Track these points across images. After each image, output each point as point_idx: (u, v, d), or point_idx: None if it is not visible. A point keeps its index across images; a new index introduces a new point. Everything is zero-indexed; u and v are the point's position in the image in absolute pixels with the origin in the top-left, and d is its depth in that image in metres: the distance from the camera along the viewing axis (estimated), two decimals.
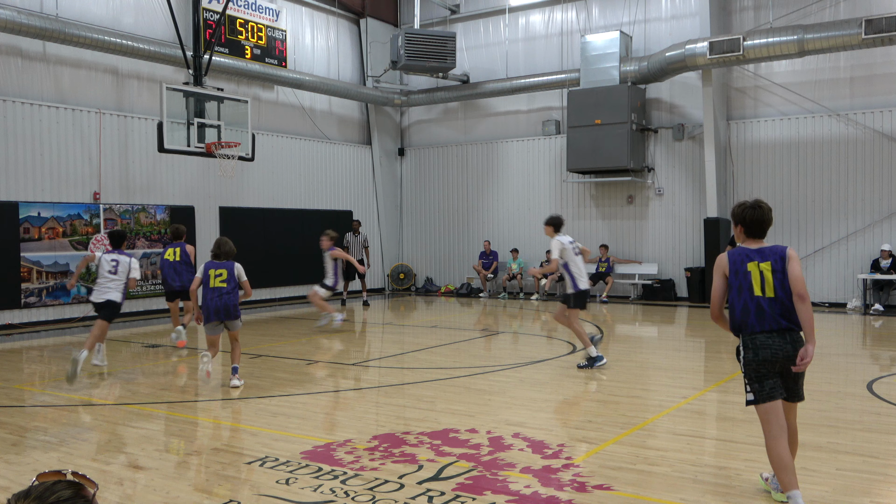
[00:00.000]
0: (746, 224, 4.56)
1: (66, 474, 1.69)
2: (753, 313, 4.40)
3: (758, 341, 4.38)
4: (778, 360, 4.34)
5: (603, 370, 9.06)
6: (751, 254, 4.48)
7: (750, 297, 4.42)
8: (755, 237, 4.57)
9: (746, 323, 4.42)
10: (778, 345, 4.34)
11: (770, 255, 4.44)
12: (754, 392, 4.42)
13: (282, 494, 4.80)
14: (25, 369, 9.87)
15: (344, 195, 20.17)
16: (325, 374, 9.29)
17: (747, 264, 4.45)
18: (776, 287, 4.38)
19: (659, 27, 17.83)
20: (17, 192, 13.40)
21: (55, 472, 1.70)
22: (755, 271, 4.43)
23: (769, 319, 4.37)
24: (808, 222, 16.27)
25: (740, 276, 4.46)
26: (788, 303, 4.36)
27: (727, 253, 4.59)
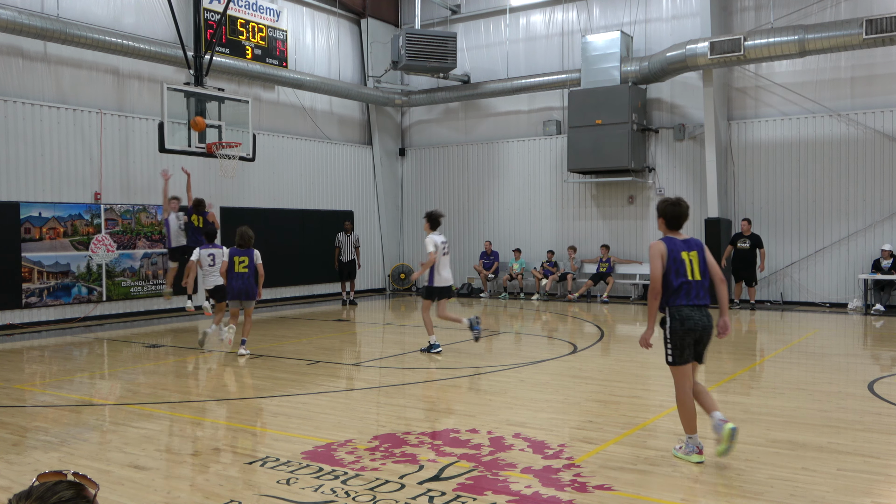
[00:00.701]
0: (668, 218, 5.59)
1: (67, 475, 1.69)
2: (683, 292, 5.41)
3: (683, 313, 5.40)
4: (697, 329, 5.40)
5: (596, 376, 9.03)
6: (681, 244, 5.48)
7: (684, 279, 5.41)
8: (674, 229, 5.60)
9: (677, 299, 5.41)
10: (697, 317, 5.41)
11: (695, 245, 5.53)
12: (675, 356, 5.46)
13: (282, 494, 4.80)
14: (26, 369, 9.88)
15: (345, 195, 20.18)
16: (326, 374, 9.29)
17: (681, 252, 5.44)
18: (701, 272, 5.46)
19: (660, 27, 17.82)
20: (18, 192, 13.41)
21: (56, 473, 1.70)
22: (686, 259, 5.44)
23: (693, 297, 5.41)
24: (809, 222, 16.27)
25: (677, 263, 5.41)
26: (707, 284, 5.49)
27: (662, 240, 5.50)
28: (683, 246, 5.47)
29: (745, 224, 15.90)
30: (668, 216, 5.58)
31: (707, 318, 5.44)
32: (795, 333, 12.53)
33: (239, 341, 10.50)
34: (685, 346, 5.40)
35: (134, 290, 15.02)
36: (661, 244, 5.46)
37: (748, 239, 15.78)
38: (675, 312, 5.41)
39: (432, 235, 10.16)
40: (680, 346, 5.40)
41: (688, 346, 5.42)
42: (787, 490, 4.80)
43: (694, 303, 5.40)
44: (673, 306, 5.42)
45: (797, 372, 9.21)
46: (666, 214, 5.59)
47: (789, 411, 6.97)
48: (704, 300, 5.44)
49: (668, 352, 5.48)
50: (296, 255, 18.03)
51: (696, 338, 5.43)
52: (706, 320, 5.43)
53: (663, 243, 5.47)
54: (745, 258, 15.78)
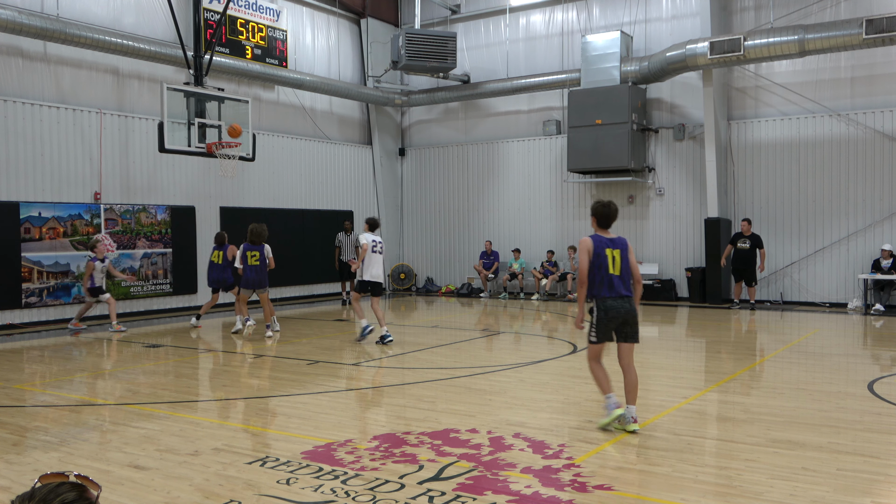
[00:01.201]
0: (598, 217, 6.44)
1: (70, 476, 1.69)
2: (607, 285, 6.23)
3: (608, 304, 6.25)
4: (619, 317, 6.26)
5: None
6: (607, 242, 6.30)
7: (606, 273, 6.22)
8: (604, 227, 6.44)
9: (602, 291, 6.24)
10: (619, 305, 6.25)
11: (619, 244, 6.34)
12: (597, 336, 6.35)
13: (282, 494, 4.80)
14: (26, 369, 9.87)
15: (344, 195, 20.18)
16: (326, 374, 9.29)
17: (606, 249, 6.26)
18: (622, 268, 6.26)
19: (659, 27, 17.82)
20: (18, 192, 13.41)
21: (58, 474, 1.70)
22: (610, 255, 6.25)
23: (616, 289, 6.24)
24: (809, 222, 16.26)
25: (601, 258, 6.23)
26: (627, 279, 6.29)
27: (591, 237, 6.32)
28: (609, 244, 6.31)
29: (744, 224, 15.89)
30: (598, 216, 6.44)
31: (629, 305, 6.31)
32: (795, 333, 12.53)
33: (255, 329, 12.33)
34: (608, 331, 6.33)
35: (134, 289, 15.02)
36: (588, 241, 6.32)
37: (748, 239, 15.78)
38: (601, 304, 6.28)
39: (367, 234, 11.38)
40: (603, 330, 6.32)
41: (609, 331, 6.34)
42: (787, 490, 4.81)
43: (615, 294, 6.25)
44: (599, 298, 6.27)
45: (797, 372, 9.21)
46: (597, 214, 6.44)
47: (789, 411, 6.97)
48: (625, 292, 6.28)
49: (591, 333, 6.38)
50: (296, 255, 18.03)
51: (619, 322, 6.29)
52: (627, 306, 6.29)
53: (591, 240, 6.32)
54: (744, 258, 15.78)
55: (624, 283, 6.27)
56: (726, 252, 16.06)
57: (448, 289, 20.49)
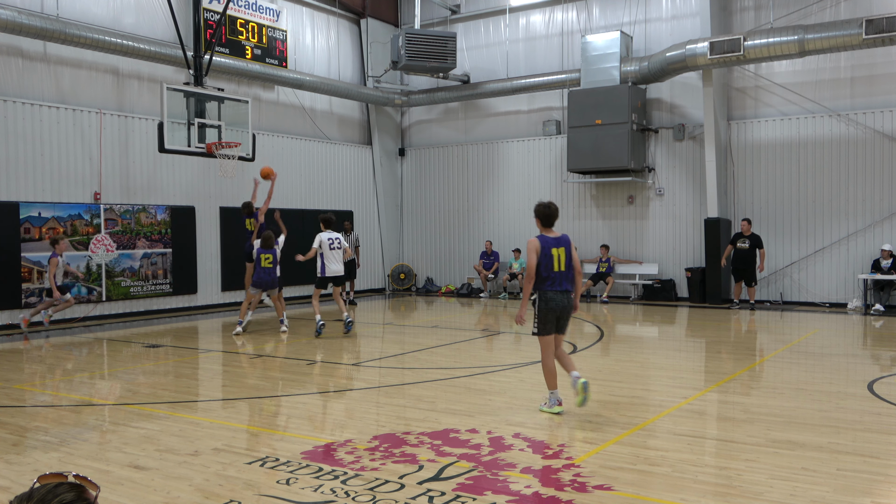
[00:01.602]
0: (542, 218, 6.92)
1: (68, 476, 1.69)
2: (550, 280, 6.76)
3: (549, 296, 6.77)
4: (559, 309, 6.79)
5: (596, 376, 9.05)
6: (553, 242, 6.82)
7: (552, 270, 6.76)
8: (547, 227, 6.93)
9: (545, 285, 6.76)
10: (559, 299, 6.79)
11: (563, 242, 6.88)
12: (540, 329, 6.83)
13: (282, 494, 4.80)
14: (26, 369, 9.87)
15: (344, 195, 20.18)
16: (326, 374, 9.29)
17: (552, 249, 6.77)
18: (566, 265, 6.82)
19: (659, 27, 17.82)
20: (18, 192, 13.41)
21: (57, 475, 1.69)
22: (555, 254, 6.78)
23: (558, 284, 6.77)
24: (809, 222, 16.26)
25: (548, 257, 6.74)
26: (570, 275, 6.84)
27: (538, 238, 6.80)
28: (554, 242, 6.82)
29: (744, 224, 15.89)
30: (541, 217, 6.93)
31: (568, 300, 6.85)
32: (795, 333, 12.53)
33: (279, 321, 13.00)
34: (549, 322, 6.80)
35: (134, 289, 15.02)
36: (536, 241, 6.78)
37: (748, 239, 15.78)
38: (543, 296, 6.80)
39: (321, 234, 12.12)
40: (544, 321, 6.79)
41: (551, 322, 6.81)
42: (787, 490, 4.81)
43: (557, 289, 6.77)
44: (541, 290, 6.78)
45: (797, 372, 9.21)
46: (540, 215, 6.94)
47: (789, 411, 6.97)
48: (567, 287, 6.83)
49: (535, 325, 6.86)
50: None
51: (558, 315, 6.85)
52: (566, 302, 6.83)
53: (538, 240, 6.79)
54: (744, 258, 15.78)
55: (567, 278, 6.86)
56: (726, 252, 16.06)
57: (448, 289, 20.49)
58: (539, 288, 6.80)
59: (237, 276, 16.31)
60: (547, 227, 6.94)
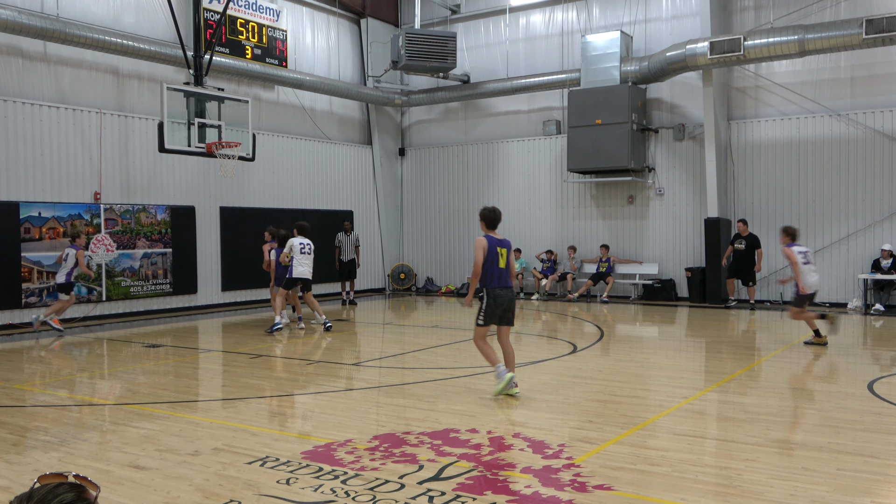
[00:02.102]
0: (487, 221, 7.66)
1: (68, 476, 1.68)
2: (497, 277, 7.50)
3: (496, 293, 7.53)
4: (504, 303, 7.57)
5: (596, 376, 9.03)
6: (498, 242, 7.56)
7: (497, 268, 7.51)
8: (492, 229, 7.68)
9: (493, 281, 7.50)
10: (505, 294, 7.58)
11: (505, 244, 7.67)
12: (485, 321, 7.62)
13: (282, 494, 4.80)
14: (26, 369, 9.87)
15: (344, 195, 20.18)
16: (326, 374, 9.29)
17: (497, 248, 7.52)
18: (507, 264, 7.58)
19: (659, 27, 17.82)
20: (18, 192, 13.41)
21: (57, 475, 1.69)
22: (500, 253, 7.51)
23: (503, 281, 7.55)
24: (809, 222, 16.26)
25: (493, 255, 7.47)
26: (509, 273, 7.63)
27: (485, 237, 7.53)
28: (498, 243, 7.58)
29: (740, 225, 15.95)
30: (487, 220, 7.68)
31: (511, 294, 7.67)
32: (795, 333, 12.52)
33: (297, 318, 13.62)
34: (494, 315, 7.62)
35: (134, 289, 15.02)
36: (484, 240, 7.52)
37: (744, 239, 15.83)
38: (491, 292, 7.55)
39: (294, 238, 12.68)
40: (490, 315, 7.61)
41: (496, 316, 7.62)
42: (787, 490, 4.81)
43: (502, 285, 7.55)
44: (489, 287, 7.51)
45: (797, 372, 9.21)
46: (486, 219, 7.68)
47: (789, 411, 6.97)
48: (510, 283, 7.62)
49: (480, 317, 7.64)
50: None
51: (504, 308, 7.60)
52: (511, 296, 7.65)
53: (486, 240, 7.52)
54: (742, 258, 15.82)
55: (509, 276, 7.64)
56: (727, 253, 16.09)
57: (448, 289, 20.49)
58: (487, 285, 7.53)
59: (237, 276, 16.33)
60: (491, 229, 7.71)
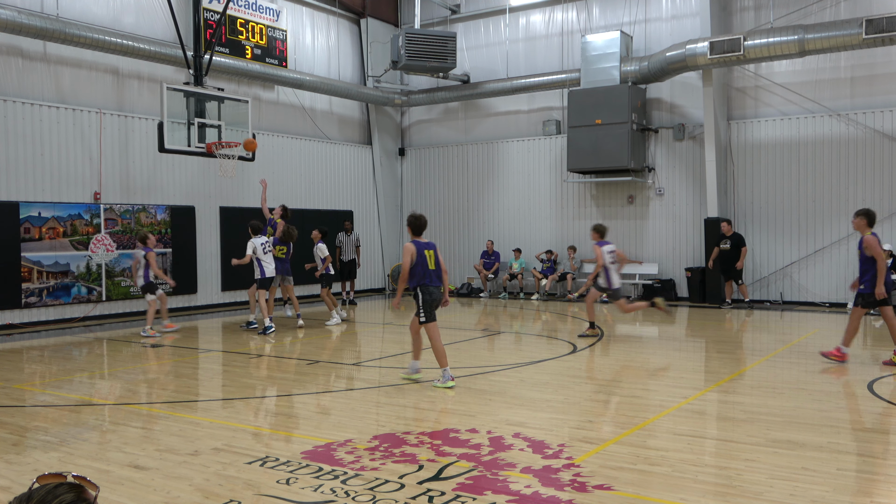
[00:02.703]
0: (413, 227, 8.44)
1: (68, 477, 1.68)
2: (427, 277, 8.26)
3: (429, 290, 8.28)
4: (436, 299, 8.31)
5: (596, 376, 9.02)
6: (424, 245, 8.32)
7: (427, 268, 8.28)
8: (418, 234, 8.42)
9: (424, 280, 8.24)
10: (435, 291, 8.31)
11: (432, 246, 8.42)
12: (427, 317, 8.28)
13: (282, 494, 4.80)
14: (26, 369, 9.87)
15: (344, 195, 20.18)
16: (326, 374, 9.29)
17: (424, 251, 8.28)
18: (435, 264, 8.35)
19: (659, 27, 17.82)
20: (18, 192, 13.41)
21: (56, 475, 1.69)
22: (428, 255, 8.29)
23: (432, 279, 8.30)
24: (808, 222, 16.26)
25: (422, 258, 8.23)
26: (439, 272, 8.38)
27: (412, 242, 8.28)
28: (425, 246, 8.34)
29: (724, 225, 16.10)
30: (413, 226, 8.43)
31: (438, 293, 8.38)
32: (795, 333, 12.53)
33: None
34: (431, 310, 8.28)
35: (133, 289, 15.01)
36: (412, 246, 8.25)
37: (729, 239, 15.97)
38: (424, 290, 8.23)
39: (254, 239, 12.83)
40: (429, 310, 8.26)
41: (433, 310, 8.30)
42: (787, 490, 4.80)
43: (432, 284, 8.29)
44: (423, 286, 8.22)
45: (797, 372, 9.21)
46: (412, 225, 8.43)
47: (789, 411, 6.97)
48: (437, 282, 8.35)
49: (421, 315, 8.27)
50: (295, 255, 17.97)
51: (436, 304, 8.36)
52: (438, 294, 8.37)
53: (413, 245, 8.25)
54: (727, 258, 15.94)
55: (437, 275, 8.38)
56: (713, 254, 16.19)
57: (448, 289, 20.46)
58: (419, 284, 8.23)
59: (237, 276, 16.31)
60: (417, 234, 8.43)
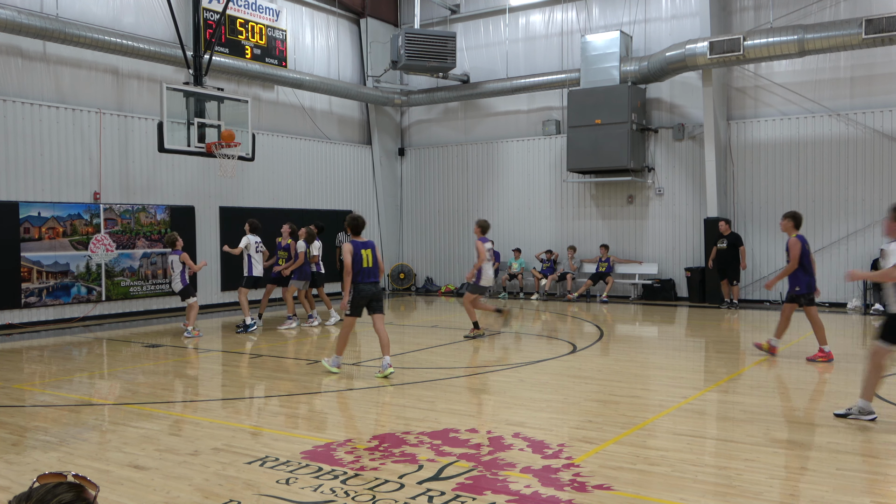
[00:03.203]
0: (352, 228, 9.04)
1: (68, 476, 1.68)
2: (363, 275, 8.83)
3: (361, 287, 8.85)
4: (368, 296, 8.89)
5: (596, 376, 9.04)
6: (362, 245, 8.89)
7: (364, 266, 8.83)
8: (357, 234, 8.99)
9: (358, 278, 8.82)
10: (369, 288, 8.90)
11: (369, 245, 8.99)
12: (352, 311, 8.94)
13: (282, 494, 4.80)
14: (25, 369, 9.87)
15: (344, 195, 20.18)
16: (326, 374, 9.29)
17: (361, 250, 8.83)
18: (373, 262, 8.92)
19: (659, 27, 17.82)
20: (18, 191, 13.40)
21: (56, 474, 1.69)
22: (364, 254, 8.84)
23: (370, 277, 8.90)
24: (809, 222, 16.20)
25: (359, 256, 8.80)
26: (376, 270, 8.96)
27: (351, 242, 8.84)
28: (362, 245, 8.92)
29: (722, 224, 16.13)
30: (352, 227, 9.05)
31: (376, 288, 9.01)
32: (795, 333, 12.53)
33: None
34: (360, 306, 8.94)
35: (133, 289, 15.02)
36: (350, 245, 8.82)
37: (726, 239, 15.99)
38: (356, 287, 8.89)
39: (250, 236, 12.97)
40: (356, 306, 8.93)
41: (362, 306, 8.93)
42: (787, 490, 4.81)
43: (367, 280, 8.88)
44: (356, 283, 8.86)
45: (797, 372, 9.21)
46: (351, 226, 9.06)
47: (789, 411, 6.97)
48: (375, 279, 8.96)
49: (348, 308, 8.94)
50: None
51: (370, 299, 8.92)
52: (376, 289, 9.00)
53: (351, 244, 8.82)
54: (724, 258, 15.95)
55: (374, 273, 8.94)
56: (711, 254, 16.21)
57: (448, 289, 20.49)
58: (356, 281, 8.84)
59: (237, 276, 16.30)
60: (356, 234, 9.02)
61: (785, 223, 9.97)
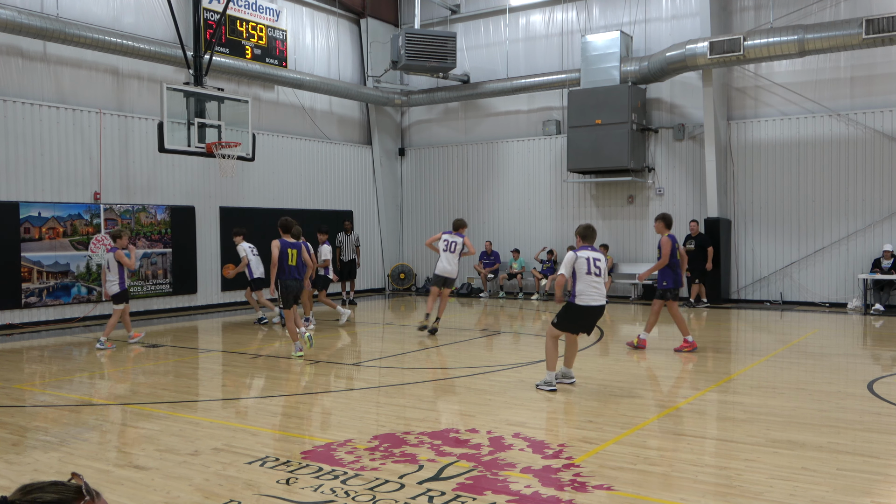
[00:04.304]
0: (283, 228, 10.36)
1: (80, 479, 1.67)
2: (286, 271, 10.04)
3: (286, 283, 10.08)
4: (293, 290, 10.17)
5: (596, 376, 9.02)
6: (289, 245, 10.14)
7: (287, 264, 10.06)
8: (286, 234, 10.24)
9: (282, 275, 10.03)
10: (293, 284, 10.14)
11: (296, 246, 10.24)
12: (284, 304, 10.16)
13: (282, 494, 4.80)
14: (26, 369, 9.87)
15: (344, 195, 20.18)
16: (326, 374, 9.29)
17: (287, 249, 10.08)
18: (297, 261, 10.19)
19: (659, 27, 17.82)
20: (18, 192, 13.41)
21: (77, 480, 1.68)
22: (290, 253, 10.10)
23: (291, 274, 10.15)
24: (809, 222, 16.26)
25: (284, 255, 10.00)
26: (301, 268, 10.30)
27: (279, 241, 10.05)
28: (290, 245, 10.16)
29: (692, 224, 16.28)
30: (283, 227, 10.34)
31: (299, 284, 10.29)
32: (795, 333, 12.53)
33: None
34: (289, 300, 10.13)
35: (133, 289, 15.01)
36: (277, 242, 10.05)
37: (693, 240, 16.14)
38: (282, 283, 10.07)
39: (245, 244, 13.86)
40: (286, 300, 10.13)
41: (290, 299, 10.15)
42: (787, 490, 4.81)
43: (291, 277, 10.10)
44: (281, 279, 10.05)
45: (797, 372, 9.21)
46: (282, 227, 10.34)
47: (789, 411, 6.97)
48: (297, 276, 10.20)
49: (280, 301, 10.18)
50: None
51: (294, 294, 10.17)
52: (297, 285, 10.25)
53: (279, 242, 10.05)
54: (693, 258, 15.97)
55: (298, 270, 10.22)
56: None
57: None
58: (280, 277, 10.01)
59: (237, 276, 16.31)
60: (286, 234, 10.28)
61: (658, 224, 10.93)
